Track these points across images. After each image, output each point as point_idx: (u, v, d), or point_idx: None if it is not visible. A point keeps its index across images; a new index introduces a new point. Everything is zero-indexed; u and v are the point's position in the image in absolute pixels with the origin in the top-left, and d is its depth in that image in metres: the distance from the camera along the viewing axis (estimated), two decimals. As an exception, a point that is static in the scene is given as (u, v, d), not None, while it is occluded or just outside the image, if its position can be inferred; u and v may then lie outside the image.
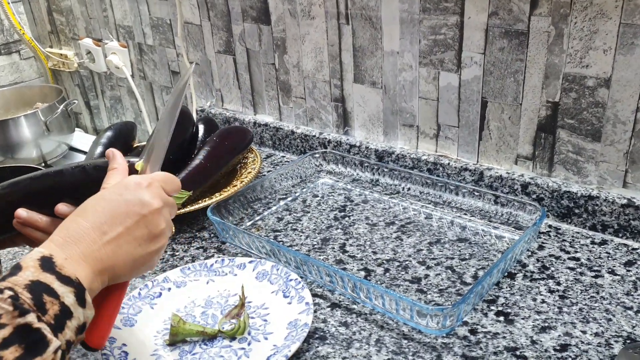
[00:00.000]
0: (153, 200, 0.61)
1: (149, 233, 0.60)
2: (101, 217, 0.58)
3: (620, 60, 0.86)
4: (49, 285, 0.50)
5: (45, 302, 0.49)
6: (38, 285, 0.50)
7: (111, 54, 1.64)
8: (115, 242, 0.58)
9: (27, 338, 0.46)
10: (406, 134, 1.15)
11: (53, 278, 0.51)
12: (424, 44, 1.04)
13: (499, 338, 0.74)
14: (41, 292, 0.49)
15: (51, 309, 0.49)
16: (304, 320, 0.76)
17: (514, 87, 0.97)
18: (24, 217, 0.68)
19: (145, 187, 0.62)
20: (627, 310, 0.77)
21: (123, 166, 0.66)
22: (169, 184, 0.66)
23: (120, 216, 0.59)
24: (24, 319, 0.47)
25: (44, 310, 0.49)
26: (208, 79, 1.46)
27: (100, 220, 0.58)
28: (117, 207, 0.59)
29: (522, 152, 1.01)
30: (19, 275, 0.50)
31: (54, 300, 0.50)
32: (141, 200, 0.60)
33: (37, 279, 0.50)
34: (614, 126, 0.90)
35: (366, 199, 1.10)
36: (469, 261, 0.90)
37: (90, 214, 0.58)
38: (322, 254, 0.94)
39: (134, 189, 0.61)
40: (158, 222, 0.62)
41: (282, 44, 1.25)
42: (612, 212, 0.92)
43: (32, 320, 0.47)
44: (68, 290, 0.51)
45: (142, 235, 0.60)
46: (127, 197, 0.60)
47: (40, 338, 0.47)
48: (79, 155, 1.64)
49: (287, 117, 1.33)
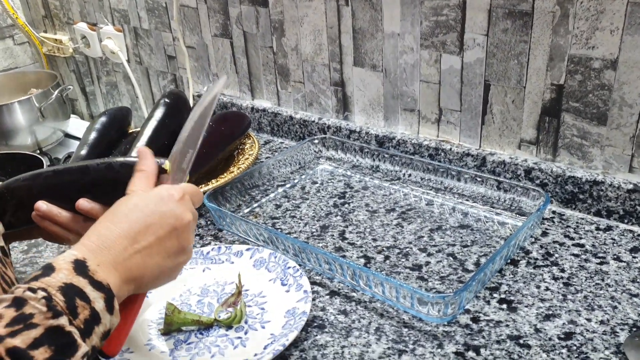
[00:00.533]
0: (185, 214, 0.61)
1: (179, 245, 0.60)
2: (135, 226, 0.58)
3: (628, 40, 0.83)
4: (82, 289, 0.50)
5: (77, 306, 0.49)
6: (71, 289, 0.49)
7: (106, 38, 1.62)
8: (146, 252, 0.57)
9: (57, 340, 0.46)
10: (407, 119, 1.12)
11: (86, 282, 0.51)
12: (425, 26, 1.02)
13: (502, 326, 0.73)
14: (74, 295, 0.49)
15: (82, 313, 0.49)
16: (302, 309, 0.74)
17: (518, 70, 0.94)
18: (44, 210, 0.68)
19: (178, 199, 0.61)
20: (633, 298, 0.76)
21: (152, 169, 0.65)
22: (196, 196, 0.66)
23: (154, 227, 0.59)
24: (56, 321, 0.47)
25: (75, 314, 0.49)
26: (205, 63, 1.43)
27: (134, 230, 0.57)
28: (151, 217, 0.59)
29: (525, 137, 0.99)
30: (52, 276, 0.49)
31: (85, 305, 0.50)
32: (175, 213, 0.60)
33: (70, 282, 0.50)
34: (620, 109, 0.87)
35: (366, 186, 1.08)
36: (471, 248, 0.88)
37: (124, 221, 0.58)
38: (321, 241, 0.92)
39: (167, 201, 0.61)
40: (188, 235, 0.62)
41: (280, 27, 1.22)
42: (617, 197, 0.90)
43: (64, 323, 0.47)
44: (99, 296, 0.51)
45: (172, 247, 0.60)
46: (162, 208, 0.60)
47: (71, 342, 0.47)
48: (75, 142, 1.62)
49: (285, 102, 1.31)
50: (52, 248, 0.97)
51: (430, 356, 0.69)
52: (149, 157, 0.66)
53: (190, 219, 0.62)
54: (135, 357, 0.72)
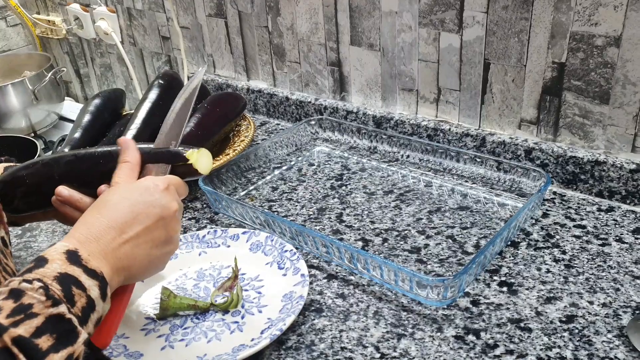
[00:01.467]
0: (171, 204, 0.62)
1: (166, 235, 0.61)
2: (122, 216, 0.58)
3: (632, 17, 0.81)
4: (77, 277, 0.51)
5: (74, 294, 0.50)
6: (67, 278, 0.50)
7: (100, 19, 1.59)
8: (133, 241, 0.58)
9: (59, 328, 0.47)
10: (405, 99, 1.10)
11: (80, 271, 0.51)
12: (423, 3, 0.99)
13: (502, 309, 0.72)
14: (70, 284, 0.50)
15: (79, 301, 0.50)
16: (300, 293, 0.73)
17: (518, 48, 0.92)
18: (65, 195, 0.68)
19: (163, 189, 0.62)
20: (635, 280, 0.74)
21: (136, 160, 0.66)
22: (181, 187, 0.66)
23: (141, 216, 0.59)
24: (56, 309, 0.47)
25: (72, 302, 0.49)
26: (199, 44, 1.40)
27: (122, 220, 0.58)
28: (138, 207, 0.59)
29: (526, 116, 0.97)
30: (46, 267, 0.50)
31: (82, 293, 0.50)
32: (161, 203, 0.61)
33: (65, 271, 0.50)
34: (623, 87, 0.86)
35: (364, 167, 1.06)
36: (471, 230, 0.86)
37: (111, 211, 0.58)
38: (318, 224, 0.91)
39: (153, 191, 0.61)
40: (175, 224, 0.63)
41: (275, 6, 1.20)
42: (619, 177, 0.88)
43: (64, 311, 0.48)
44: (94, 284, 0.52)
45: (160, 237, 0.61)
46: (148, 198, 0.61)
47: (71, 329, 0.48)
48: (70, 125, 1.60)
49: (281, 82, 1.29)
50: (47, 232, 0.96)
51: (429, 340, 0.68)
52: (132, 148, 0.67)
53: (176, 209, 0.62)
54: (130, 342, 0.71)
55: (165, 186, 0.63)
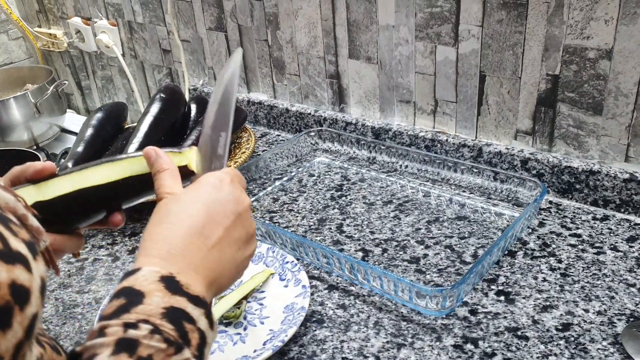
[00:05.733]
0: (243, 196, 0.54)
1: (246, 233, 0.54)
2: (199, 220, 0.50)
3: (623, 30, 0.83)
4: (184, 309, 0.43)
5: (187, 332, 0.43)
6: (175, 312, 0.43)
7: (101, 32, 1.61)
8: (218, 247, 0.50)
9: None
10: (403, 110, 1.12)
11: (185, 301, 0.44)
12: (420, 17, 1.01)
13: (500, 318, 0.73)
14: (180, 320, 0.43)
15: (193, 338, 0.43)
16: (301, 304, 0.75)
17: (513, 61, 0.94)
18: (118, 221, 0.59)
19: (230, 182, 0.54)
20: (630, 288, 0.76)
21: (173, 165, 0.56)
22: (242, 179, 0.58)
23: (218, 216, 0.51)
24: (181, 356, 0.41)
25: (188, 342, 0.42)
26: (200, 57, 1.42)
27: (200, 224, 0.50)
28: (213, 207, 0.51)
29: (521, 127, 0.99)
30: (145, 303, 0.42)
31: (193, 328, 0.43)
32: (234, 197, 0.53)
33: (170, 304, 0.43)
34: (615, 99, 0.87)
35: (363, 178, 1.08)
36: (469, 239, 0.88)
37: (185, 218, 0.50)
38: (319, 234, 0.93)
39: (221, 186, 0.53)
40: (251, 220, 0.55)
41: (275, 20, 1.22)
42: (614, 187, 0.90)
43: (188, 357, 0.41)
44: (200, 313, 0.45)
45: (241, 237, 0.53)
46: (218, 196, 0.52)
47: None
48: (72, 137, 1.61)
49: (281, 94, 1.31)
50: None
51: (429, 349, 0.70)
52: (162, 155, 0.57)
53: (249, 201, 0.55)
54: None
55: (230, 179, 0.54)
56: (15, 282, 0.34)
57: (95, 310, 0.81)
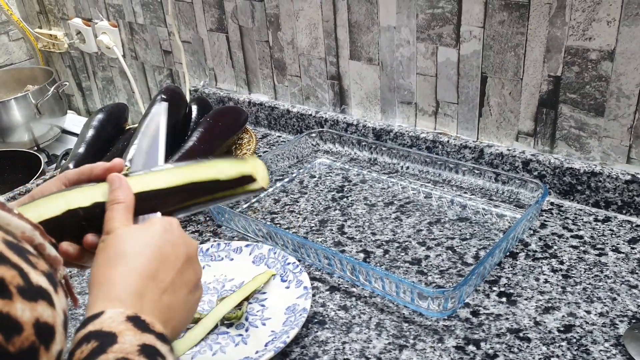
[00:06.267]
0: (191, 240, 0.55)
1: (196, 277, 0.54)
2: (152, 263, 0.50)
3: (625, 31, 0.83)
4: (154, 346, 0.44)
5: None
6: (148, 349, 0.43)
7: (101, 33, 1.61)
8: (171, 289, 0.50)
9: None
10: (404, 112, 1.12)
11: (154, 338, 0.44)
12: (421, 18, 1.01)
13: (502, 319, 0.73)
14: (155, 356, 0.43)
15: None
16: (303, 305, 0.75)
17: (515, 62, 0.94)
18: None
19: (178, 226, 0.55)
20: (632, 289, 0.76)
21: (130, 198, 0.55)
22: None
23: (170, 259, 0.51)
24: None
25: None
26: (201, 58, 1.42)
27: (154, 267, 0.50)
28: (165, 250, 0.51)
29: (523, 129, 0.99)
30: (120, 342, 0.42)
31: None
32: (184, 241, 0.54)
33: (143, 342, 0.43)
34: (617, 100, 0.87)
35: (364, 179, 1.08)
36: (470, 241, 0.88)
37: (139, 260, 0.50)
38: (320, 236, 0.92)
39: (171, 230, 0.53)
40: (199, 264, 0.55)
41: (276, 21, 1.22)
42: (615, 188, 0.90)
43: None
44: (167, 349, 0.45)
45: (191, 280, 0.53)
46: (170, 238, 0.53)
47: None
48: (72, 138, 1.62)
49: (282, 96, 1.31)
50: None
51: (430, 351, 0.69)
52: (124, 185, 0.56)
53: (197, 245, 0.56)
54: None
55: (177, 223, 0.55)
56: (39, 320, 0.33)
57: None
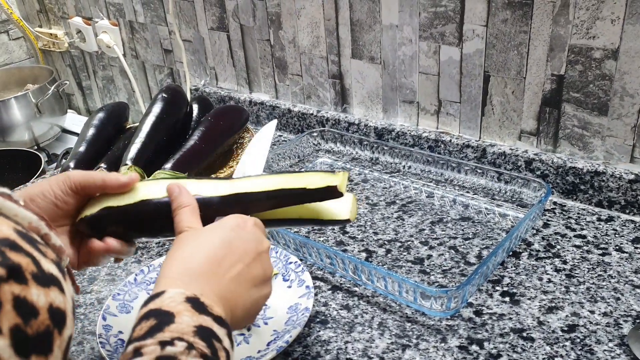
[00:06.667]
0: (264, 239, 0.57)
1: (264, 274, 0.55)
2: (219, 251, 0.52)
3: (629, 30, 0.82)
4: (212, 329, 0.45)
5: (217, 349, 0.44)
6: (204, 331, 0.44)
7: (102, 32, 1.60)
8: (236, 279, 0.52)
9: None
10: (406, 111, 1.12)
11: (211, 320, 0.45)
12: (424, 17, 1.01)
13: (505, 319, 0.72)
14: (210, 338, 0.44)
15: (221, 356, 0.44)
16: (305, 305, 0.74)
17: (518, 61, 0.94)
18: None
19: (253, 224, 0.57)
20: (635, 289, 0.75)
21: (194, 202, 0.58)
22: (262, 226, 0.60)
23: (238, 251, 0.53)
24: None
25: (218, 358, 0.44)
26: (201, 57, 1.42)
27: (221, 255, 0.52)
28: (235, 243, 0.54)
29: (526, 128, 0.98)
30: (177, 322, 0.44)
31: (220, 346, 0.45)
32: (256, 237, 0.56)
33: (199, 323, 0.44)
34: (621, 99, 0.87)
35: (366, 178, 1.07)
36: (473, 240, 0.87)
37: (205, 247, 0.52)
38: (322, 235, 0.92)
39: (244, 226, 0.56)
40: (269, 263, 0.57)
41: (277, 19, 1.21)
42: (619, 187, 0.89)
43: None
44: (224, 333, 0.46)
45: (259, 275, 0.55)
46: (241, 233, 0.55)
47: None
48: (72, 137, 1.61)
49: (283, 95, 1.30)
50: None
51: (434, 350, 0.69)
52: (184, 192, 0.59)
53: (269, 245, 0.58)
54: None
55: (253, 222, 0.57)
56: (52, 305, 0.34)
57: (97, 310, 0.81)
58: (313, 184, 0.61)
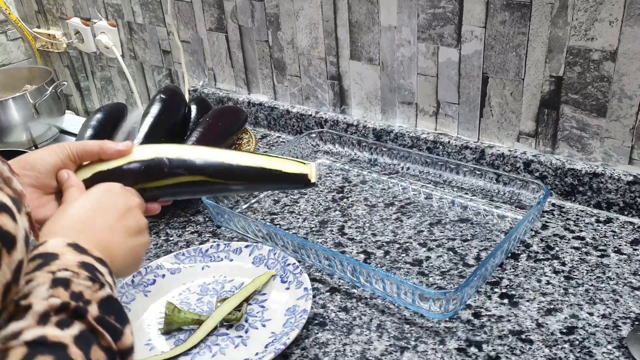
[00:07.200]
0: (132, 197, 0.64)
1: (137, 224, 0.61)
2: (91, 209, 0.58)
3: (627, 32, 0.82)
4: (94, 265, 0.49)
5: (102, 281, 0.48)
6: (87, 265, 0.49)
7: (100, 33, 1.60)
8: (110, 230, 0.57)
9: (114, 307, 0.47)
10: (405, 112, 1.11)
11: (92, 259, 0.50)
12: (422, 18, 1.01)
13: (504, 321, 0.72)
14: (93, 271, 0.48)
15: (107, 285, 0.49)
16: (303, 306, 0.74)
17: (516, 62, 0.94)
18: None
19: (120, 187, 0.63)
20: (634, 291, 0.75)
21: (80, 183, 0.64)
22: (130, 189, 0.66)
23: (109, 208, 0.59)
24: (104, 292, 0.47)
25: (103, 284, 0.48)
26: (200, 58, 1.42)
27: (92, 208, 0.58)
28: (104, 201, 0.60)
29: (524, 129, 0.98)
30: (62, 259, 0.48)
31: (103, 279, 0.49)
32: (124, 196, 0.62)
33: (82, 260, 0.49)
34: (619, 101, 0.87)
35: (364, 180, 1.07)
36: (471, 242, 0.87)
37: (80, 208, 0.58)
38: (320, 237, 0.92)
39: (112, 188, 0.62)
40: (141, 216, 0.63)
41: (276, 20, 1.21)
42: (617, 189, 0.89)
43: (110, 293, 0.47)
44: (106, 271, 0.51)
45: (132, 226, 0.60)
46: (109, 194, 0.61)
47: (122, 308, 0.48)
48: (70, 138, 1.61)
49: (282, 96, 1.30)
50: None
51: (432, 352, 0.69)
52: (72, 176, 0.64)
53: (138, 202, 0.64)
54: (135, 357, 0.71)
55: (119, 185, 0.63)
56: (1, 227, 0.37)
57: (94, 312, 0.81)
58: (289, 168, 0.69)
